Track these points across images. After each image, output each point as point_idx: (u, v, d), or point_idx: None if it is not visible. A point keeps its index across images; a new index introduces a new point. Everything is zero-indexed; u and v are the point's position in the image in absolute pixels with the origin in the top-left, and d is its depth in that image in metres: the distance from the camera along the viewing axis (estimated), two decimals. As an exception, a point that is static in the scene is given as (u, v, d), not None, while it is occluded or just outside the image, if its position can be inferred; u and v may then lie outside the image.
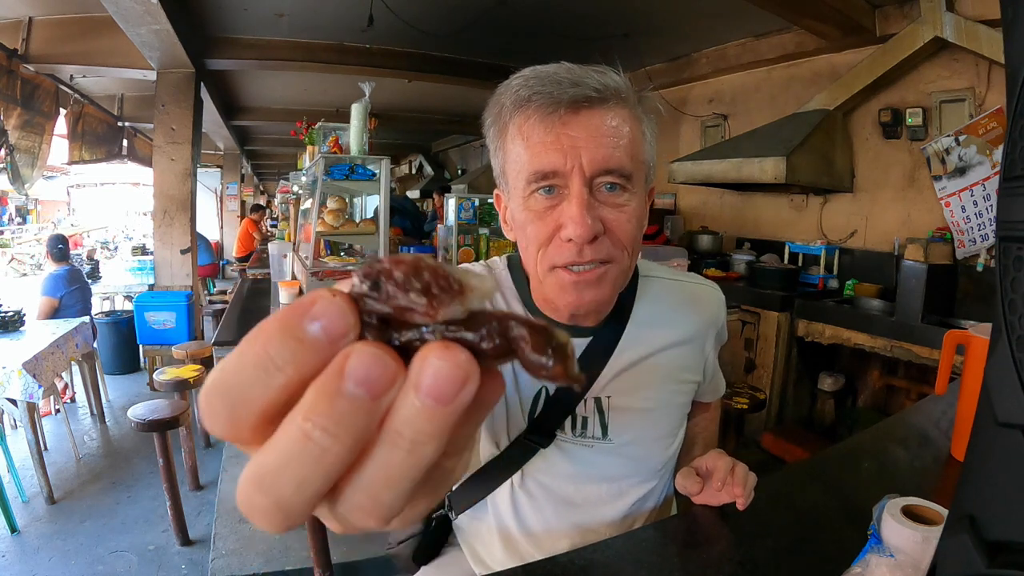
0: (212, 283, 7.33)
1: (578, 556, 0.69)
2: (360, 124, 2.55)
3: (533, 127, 0.63)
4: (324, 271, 2.46)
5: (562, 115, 0.62)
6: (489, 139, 0.71)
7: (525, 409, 0.77)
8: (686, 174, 3.57)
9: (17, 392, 2.40)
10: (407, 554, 0.95)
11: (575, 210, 0.62)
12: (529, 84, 0.63)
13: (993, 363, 0.34)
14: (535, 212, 0.65)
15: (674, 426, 0.84)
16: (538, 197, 0.65)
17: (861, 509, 0.66)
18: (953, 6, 2.59)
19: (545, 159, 0.62)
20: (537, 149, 0.63)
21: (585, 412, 0.77)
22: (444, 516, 0.95)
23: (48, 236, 3.85)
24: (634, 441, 0.79)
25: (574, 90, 0.61)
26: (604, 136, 0.62)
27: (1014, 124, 0.33)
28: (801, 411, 3.21)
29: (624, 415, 0.77)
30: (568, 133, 0.62)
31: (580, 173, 0.62)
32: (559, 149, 0.62)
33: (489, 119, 0.70)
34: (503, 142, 0.68)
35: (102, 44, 3.76)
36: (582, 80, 0.62)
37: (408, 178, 10.31)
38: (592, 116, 0.62)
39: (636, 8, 3.32)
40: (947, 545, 0.36)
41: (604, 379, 0.76)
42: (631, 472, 0.81)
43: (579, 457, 0.79)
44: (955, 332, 0.92)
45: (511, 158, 0.67)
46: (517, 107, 0.64)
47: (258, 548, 2.17)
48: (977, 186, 2.69)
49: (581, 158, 0.62)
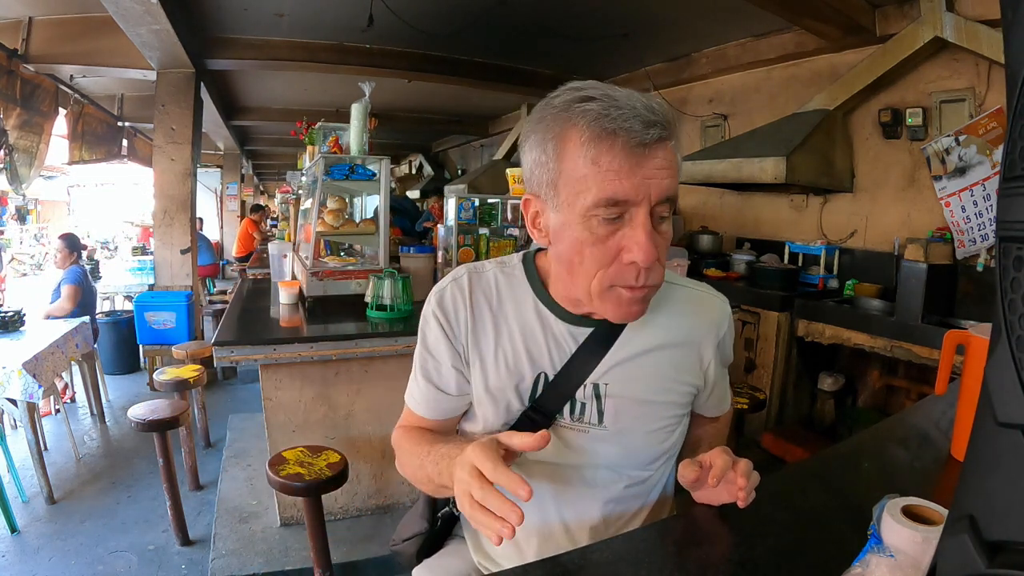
0: (212, 283, 7.33)
1: (578, 556, 0.69)
2: (360, 124, 2.55)
3: (614, 157, 0.66)
4: (324, 271, 2.46)
5: (645, 152, 0.66)
6: (536, 147, 0.71)
7: (526, 393, 0.81)
8: (686, 174, 3.57)
9: (17, 392, 2.39)
10: (411, 552, 0.97)
11: (643, 238, 0.67)
12: (611, 115, 0.65)
13: (993, 363, 0.34)
14: (597, 236, 0.69)
15: (668, 422, 0.85)
16: (600, 221, 0.68)
17: (861, 509, 0.66)
18: (953, 6, 2.59)
19: (619, 188, 0.66)
20: (611, 177, 0.66)
21: (584, 398, 0.81)
22: (450, 513, 0.96)
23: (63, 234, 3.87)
24: (628, 430, 0.82)
25: (654, 131, 0.65)
26: (667, 169, 0.68)
27: (1014, 124, 0.33)
28: (801, 411, 3.21)
29: (619, 403, 0.81)
30: (644, 166, 0.66)
31: (647, 203, 0.67)
32: (633, 181, 0.66)
33: (549, 133, 0.70)
34: (562, 158, 0.69)
35: (102, 44, 3.76)
36: (656, 118, 0.66)
37: (408, 178, 10.31)
38: (664, 151, 0.67)
39: (636, 8, 3.32)
40: (947, 545, 0.36)
41: (603, 368, 0.80)
42: (624, 461, 0.84)
43: (576, 442, 0.82)
44: (955, 332, 0.92)
45: (573, 176, 0.68)
46: (599, 137, 0.66)
47: (258, 548, 2.17)
48: (977, 186, 2.69)
49: (651, 190, 0.67)
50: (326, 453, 1.80)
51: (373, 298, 2.30)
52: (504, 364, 0.81)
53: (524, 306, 0.82)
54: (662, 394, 0.83)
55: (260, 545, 2.19)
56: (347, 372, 2.24)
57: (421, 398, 0.86)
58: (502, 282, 0.83)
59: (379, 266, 2.50)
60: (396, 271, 2.38)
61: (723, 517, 0.75)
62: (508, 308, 0.82)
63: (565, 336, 0.80)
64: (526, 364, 0.80)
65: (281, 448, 1.85)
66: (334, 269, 2.51)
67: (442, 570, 0.94)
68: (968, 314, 2.61)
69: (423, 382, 0.85)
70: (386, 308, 2.28)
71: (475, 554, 0.93)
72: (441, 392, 0.84)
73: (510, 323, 0.81)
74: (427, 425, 0.87)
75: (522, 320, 0.81)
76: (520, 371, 0.80)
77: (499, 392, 0.81)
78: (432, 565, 0.96)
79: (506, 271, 0.84)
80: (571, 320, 0.80)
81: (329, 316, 2.36)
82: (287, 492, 1.70)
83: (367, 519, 2.35)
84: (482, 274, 0.85)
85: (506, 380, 0.81)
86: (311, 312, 2.41)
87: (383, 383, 2.29)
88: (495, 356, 0.81)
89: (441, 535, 0.99)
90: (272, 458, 1.76)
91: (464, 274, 0.85)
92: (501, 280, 0.83)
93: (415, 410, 0.87)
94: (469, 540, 0.94)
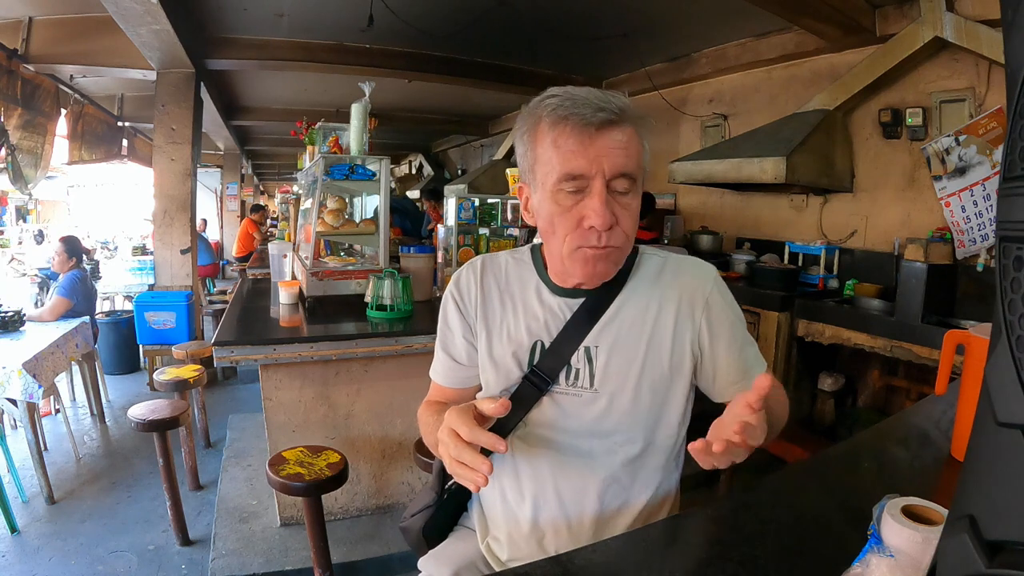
0: (212, 283, 7.33)
1: (577, 556, 0.69)
2: (360, 124, 2.55)
3: (567, 139, 0.78)
4: (324, 271, 2.46)
5: (593, 132, 0.77)
6: (519, 142, 0.86)
7: (524, 359, 0.90)
8: (686, 174, 3.57)
9: (17, 392, 2.39)
10: (418, 527, 1.01)
11: (598, 204, 0.77)
12: (566, 105, 0.78)
13: (993, 363, 0.34)
14: (563, 206, 0.80)
15: (656, 384, 0.87)
16: (565, 194, 0.79)
17: (861, 509, 0.66)
18: (953, 6, 2.59)
19: (575, 164, 0.78)
20: (568, 156, 0.78)
21: (577, 363, 0.88)
22: (456, 486, 0.99)
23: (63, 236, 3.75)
24: (619, 391, 0.86)
25: (601, 114, 0.77)
26: (620, 148, 0.78)
27: (1014, 124, 0.33)
28: (801, 411, 3.20)
29: (608, 363, 0.87)
30: (595, 144, 0.78)
31: (601, 176, 0.78)
32: (587, 157, 0.78)
33: (524, 127, 0.84)
34: (534, 146, 0.82)
35: (102, 44, 3.76)
36: (606, 105, 0.77)
37: (408, 178, 10.32)
38: (613, 133, 0.78)
39: (636, 8, 3.32)
40: (947, 545, 0.36)
41: (595, 333, 0.87)
42: (619, 426, 0.87)
43: (572, 408, 0.88)
44: (955, 332, 0.92)
45: (542, 160, 0.81)
46: (556, 122, 0.79)
47: (258, 548, 2.17)
48: (977, 186, 2.69)
49: (603, 164, 0.77)
50: (326, 453, 1.80)
51: (373, 298, 2.30)
52: (507, 334, 0.91)
53: (528, 285, 0.93)
54: (649, 354, 0.87)
55: (260, 545, 2.19)
56: (347, 372, 2.24)
57: (440, 368, 0.99)
58: (511, 266, 0.96)
59: (379, 266, 2.50)
60: (396, 271, 2.38)
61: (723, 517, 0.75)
62: (515, 287, 0.94)
63: (560, 307, 0.90)
64: (525, 334, 0.90)
65: (281, 448, 1.85)
66: (334, 269, 2.51)
67: (448, 558, 0.97)
68: (968, 314, 2.61)
69: (441, 354, 0.98)
70: (386, 308, 2.28)
71: (481, 539, 0.97)
72: (455, 362, 0.96)
73: (515, 300, 0.93)
74: (446, 395, 0.99)
75: (525, 297, 0.93)
76: (520, 340, 0.90)
77: (501, 359, 0.91)
78: (439, 553, 0.99)
79: (516, 257, 0.97)
80: (564, 294, 0.90)
81: (329, 316, 2.36)
82: (287, 492, 1.70)
83: (367, 519, 2.35)
84: (496, 260, 0.98)
85: (507, 348, 0.91)
86: (311, 312, 2.41)
87: (383, 383, 2.29)
88: (500, 327, 0.92)
89: (448, 512, 1.03)
90: (272, 458, 1.76)
91: (479, 261, 0.98)
92: (511, 264, 0.96)
93: (435, 379, 1.00)
94: (477, 524, 0.99)
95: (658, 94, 4.29)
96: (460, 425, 0.70)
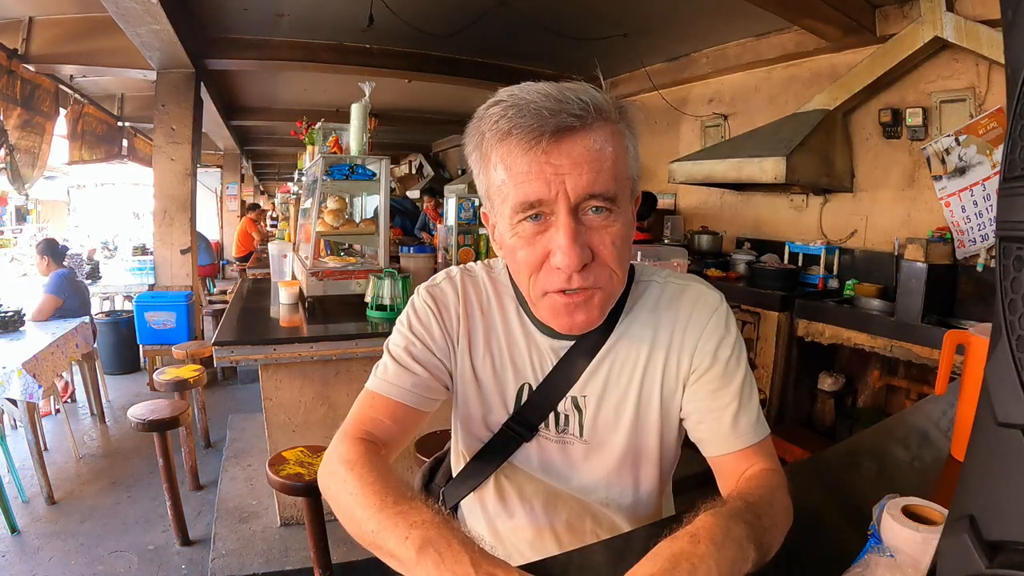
0: (212, 283, 7.32)
1: (577, 556, 0.69)
2: (360, 124, 2.55)
3: (516, 159, 0.62)
4: (324, 271, 2.46)
5: (544, 146, 0.61)
6: (472, 162, 0.71)
7: (509, 403, 0.80)
8: (686, 174, 3.57)
9: (17, 392, 2.39)
10: None
11: (564, 240, 0.62)
12: (508, 115, 0.62)
13: (993, 363, 0.34)
14: (524, 238, 0.65)
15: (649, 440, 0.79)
16: (526, 224, 0.65)
17: (861, 509, 0.66)
18: (953, 6, 2.59)
19: (529, 189, 0.62)
20: (520, 179, 0.62)
21: (566, 410, 0.79)
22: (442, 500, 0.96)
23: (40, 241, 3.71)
24: (606, 443, 0.79)
25: (555, 120, 0.60)
26: (587, 161, 0.62)
27: (1014, 124, 0.33)
28: (801, 411, 3.20)
29: (599, 416, 0.78)
30: (551, 162, 0.61)
31: (565, 200, 0.62)
32: (543, 179, 0.61)
33: (470, 145, 0.69)
34: (486, 168, 0.68)
35: (102, 44, 3.76)
36: (562, 107, 0.61)
37: (408, 178, 10.31)
38: (575, 142, 0.61)
39: (636, 8, 3.32)
40: (947, 545, 0.36)
41: (582, 381, 0.77)
42: (607, 481, 0.80)
43: (561, 457, 0.81)
44: (955, 332, 0.92)
45: (495, 185, 0.66)
46: (499, 140, 0.64)
47: (258, 548, 2.17)
48: (977, 186, 2.69)
49: (565, 185, 0.61)
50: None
51: (373, 298, 2.30)
52: (491, 368, 0.80)
53: (509, 313, 0.80)
54: (640, 404, 0.77)
55: (260, 545, 2.19)
56: (347, 372, 2.24)
57: (399, 381, 0.76)
58: (489, 288, 0.81)
59: (379, 266, 2.50)
60: (396, 271, 2.38)
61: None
62: (495, 314, 0.80)
63: (547, 349, 0.78)
64: (510, 373, 0.79)
65: (281, 448, 1.85)
66: (334, 269, 2.51)
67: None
68: (968, 314, 2.61)
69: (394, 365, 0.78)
70: (386, 308, 2.28)
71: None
72: (424, 376, 0.77)
73: (497, 329, 0.80)
74: (394, 415, 0.76)
75: (507, 328, 0.79)
76: (505, 379, 0.80)
77: (487, 394, 0.80)
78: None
79: (492, 276, 0.82)
80: (551, 334, 0.77)
81: (329, 316, 2.36)
82: (287, 492, 1.69)
83: (367, 519, 2.35)
84: (474, 275, 0.83)
85: (492, 385, 0.80)
86: (311, 312, 2.41)
87: (383, 383, 2.28)
88: (483, 358, 0.80)
89: None
90: (272, 458, 1.76)
91: (457, 272, 0.84)
92: (488, 285, 0.81)
93: (387, 394, 0.77)
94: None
95: (658, 94, 4.29)
96: None
